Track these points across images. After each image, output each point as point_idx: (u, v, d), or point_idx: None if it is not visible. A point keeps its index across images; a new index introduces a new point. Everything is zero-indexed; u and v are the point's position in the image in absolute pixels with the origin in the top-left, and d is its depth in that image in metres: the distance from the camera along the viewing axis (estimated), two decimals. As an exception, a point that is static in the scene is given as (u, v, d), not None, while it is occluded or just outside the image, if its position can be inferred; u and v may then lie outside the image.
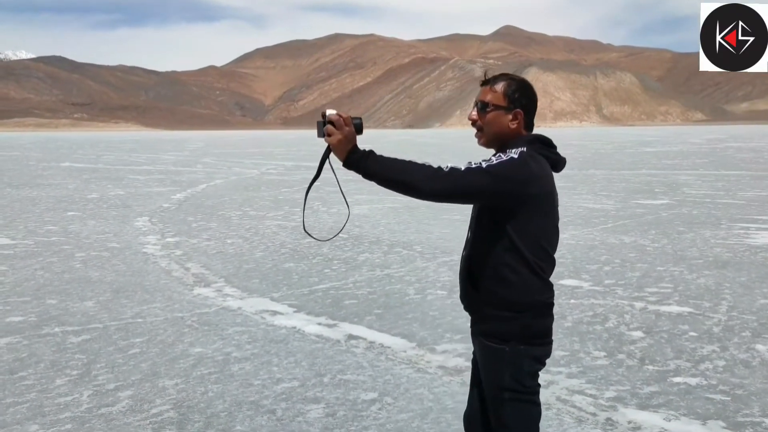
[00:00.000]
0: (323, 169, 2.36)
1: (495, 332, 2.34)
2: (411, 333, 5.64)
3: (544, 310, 2.36)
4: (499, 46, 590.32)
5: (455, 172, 2.19)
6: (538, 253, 2.32)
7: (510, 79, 2.41)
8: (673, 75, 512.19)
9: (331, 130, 2.23)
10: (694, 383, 4.45)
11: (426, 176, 2.17)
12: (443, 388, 4.44)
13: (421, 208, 13.93)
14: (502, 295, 2.32)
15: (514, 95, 2.37)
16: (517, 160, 2.25)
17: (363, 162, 2.20)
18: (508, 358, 2.32)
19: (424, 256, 8.94)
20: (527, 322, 2.32)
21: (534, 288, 2.32)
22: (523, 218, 2.28)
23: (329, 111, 2.25)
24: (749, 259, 8.35)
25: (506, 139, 2.40)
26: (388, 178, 2.19)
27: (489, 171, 2.20)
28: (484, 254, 2.36)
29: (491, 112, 2.39)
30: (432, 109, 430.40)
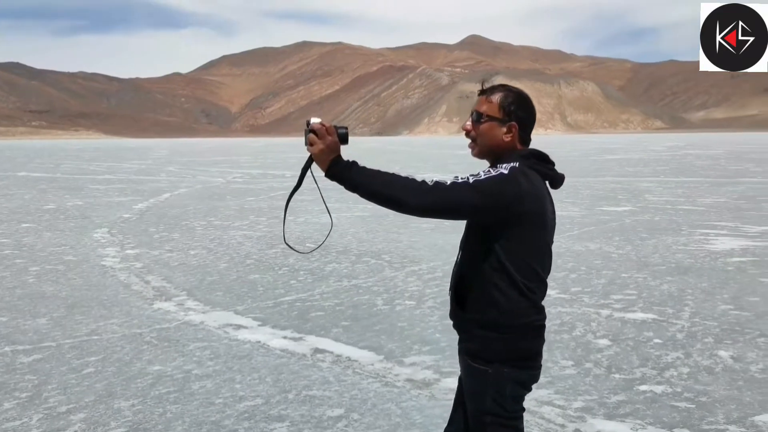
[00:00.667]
0: (305, 179, 2.30)
1: (479, 353, 2.26)
2: (379, 345, 5.56)
3: (532, 332, 2.26)
4: (466, 55, 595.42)
5: (441, 186, 2.11)
6: (527, 274, 2.22)
7: (507, 90, 2.33)
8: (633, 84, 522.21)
9: (314, 140, 2.17)
10: (660, 391, 4.46)
11: (411, 190, 2.09)
12: (411, 402, 4.37)
13: (390, 217, 13.87)
14: (488, 316, 2.24)
15: (510, 107, 2.29)
16: (506, 175, 2.15)
17: (346, 173, 2.14)
18: (491, 380, 2.23)
19: (392, 265, 8.88)
20: (512, 345, 2.23)
21: (521, 309, 2.22)
22: (512, 237, 2.19)
23: (313, 119, 2.19)
24: (709, 264, 8.47)
25: (500, 152, 2.31)
26: (372, 191, 2.12)
27: (476, 187, 2.11)
28: (471, 273, 2.28)
29: (485, 123, 2.31)
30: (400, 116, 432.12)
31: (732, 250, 9.37)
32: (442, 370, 4.93)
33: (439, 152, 58.18)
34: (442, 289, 7.40)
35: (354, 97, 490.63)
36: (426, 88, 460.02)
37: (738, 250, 9.42)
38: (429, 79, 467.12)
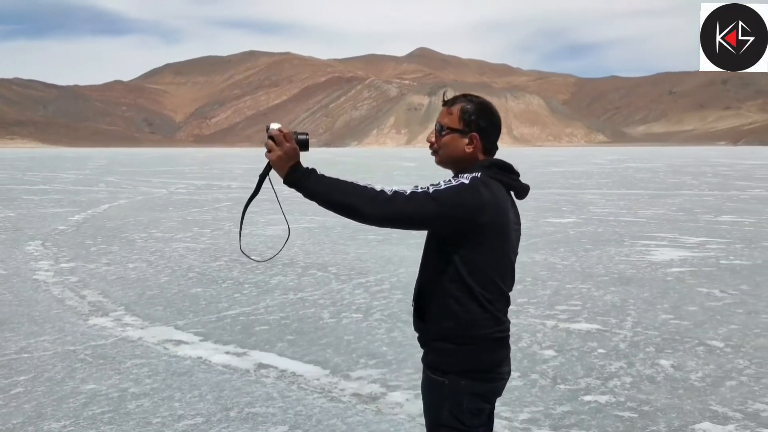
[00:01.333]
0: (263, 186, 2.24)
1: (436, 364, 2.22)
2: (325, 359, 5.46)
3: (491, 344, 2.20)
4: (414, 68, 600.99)
5: (400, 196, 2.07)
6: (486, 285, 2.18)
7: (468, 101, 2.29)
8: (577, 99, 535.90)
9: (271, 146, 2.12)
10: (604, 401, 4.48)
11: (369, 200, 2.05)
12: (357, 417, 4.28)
13: (337, 228, 13.78)
14: (445, 326, 2.20)
15: (470, 118, 2.26)
16: (467, 185, 2.12)
17: (304, 181, 2.10)
18: (447, 392, 2.19)
19: (339, 278, 8.78)
20: (469, 356, 2.18)
21: (480, 321, 2.17)
22: (471, 248, 2.15)
23: (273, 125, 2.14)
24: (650, 275, 8.65)
25: (462, 163, 2.28)
26: (330, 200, 2.08)
27: (435, 196, 2.07)
28: (430, 283, 2.25)
29: (447, 134, 2.28)
30: (349, 128, 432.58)
31: (671, 261, 9.61)
32: (388, 384, 4.86)
33: (386, 163, 58.40)
34: (389, 302, 7.35)
35: (302, 107, 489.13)
36: (375, 99, 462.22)
37: (677, 260, 9.66)
38: (378, 91, 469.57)
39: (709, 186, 26.73)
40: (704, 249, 10.71)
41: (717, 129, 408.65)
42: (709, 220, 14.83)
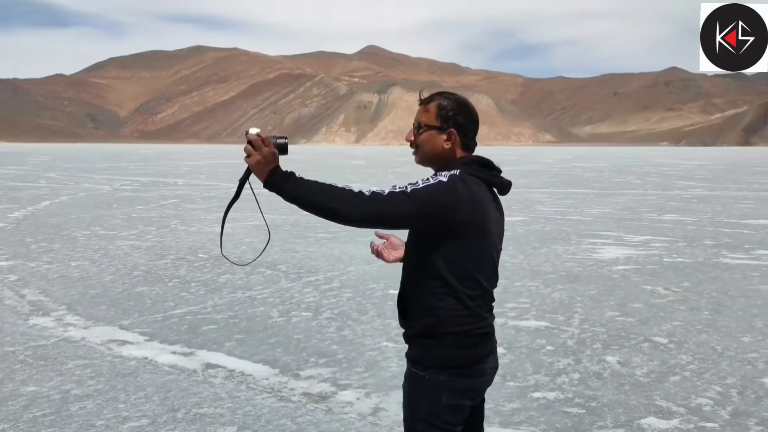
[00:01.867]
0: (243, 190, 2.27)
1: (417, 358, 2.25)
2: (274, 359, 5.39)
3: (470, 340, 2.22)
4: (364, 65, 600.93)
5: (378, 196, 2.10)
6: (467, 282, 2.20)
7: (444, 98, 2.32)
8: (525, 99, 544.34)
9: (250, 151, 2.15)
10: (552, 397, 4.54)
11: (348, 201, 2.08)
12: (307, 417, 4.23)
13: (286, 226, 13.65)
14: (426, 323, 2.22)
15: (448, 114, 2.27)
16: (445, 183, 2.13)
17: (284, 184, 2.13)
18: (427, 386, 2.22)
19: (288, 276, 8.69)
20: (449, 352, 2.20)
21: (459, 317, 2.19)
22: (450, 245, 2.17)
23: (251, 130, 2.16)
24: (597, 273, 8.83)
25: (441, 159, 2.29)
26: (309, 202, 2.11)
27: (412, 196, 2.10)
28: (412, 281, 2.27)
29: (424, 132, 2.30)
30: (298, 125, 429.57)
31: (617, 259, 9.83)
32: (339, 383, 4.83)
33: (336, 161, 58.26)
34: (339, 300, 7.31)
35: (250, 104, 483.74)
36: (324, 97, 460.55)
37: (622, 258, 9.89)
38: (327, 88, 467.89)
39: (652, 185, 27.51)
40: (648, 247, 11.00)
41: (660, 130, 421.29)
42: (652, 218, 15.24)
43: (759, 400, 4.45)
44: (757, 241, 11.64)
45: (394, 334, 6.02)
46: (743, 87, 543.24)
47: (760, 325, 6.19)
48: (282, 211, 16.47)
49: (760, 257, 9.98)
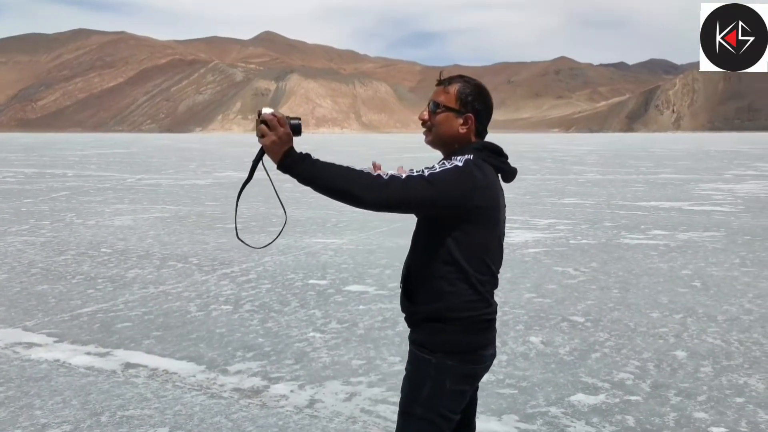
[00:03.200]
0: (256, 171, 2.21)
1: (424, 342, 2.23)
2: (198, 355, 5.20)
3: (478, 325, 2.22)
4: (260, 51, 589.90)
5: (397, 181, 2.07)
6: (479, 267, 2.20)
7: (465, 81, 2.30)
8: (423, 86, 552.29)
9: (265, 131, 2.09)
10: (485, 379, 4.59)
11: (366, 185, 2.05)
12: (242, 413, 4.11)
13: (192, 217, 13.24)
14: (435, 307, 2.20)
15: (467, 98, 2.26)
16: (461, 168, 2.13)
17: (299, 166, 2.08)
18: (433, 370, 2.20)
19: (202, 268, 8.41)
20: (457, 337, 2.19)
21: (469, 302, 2.19)
22: (465, 230, 2.16)
23: (265, 109, 2.11)
24: (510, 256, 9.08)
25: (454, 143, 2.29)
26: (326, 186, 2.07)
27: (431, 180, 2.08)
28: (421, 265, 2.24)
29: (442, 113, 2.28)
30: (192, 113, 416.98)
31: (527, 242, 10.16)
32: (270, 376, 4.72)
33: (235, 150, 57.01)
34: (258, 292, 7.15)
35: (140, 91, 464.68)
36: (219, 83, 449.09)
37: (531, 241, 10.22)
38: (222, 75, 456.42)
39: (549, 171, 28.63)
40: (554, 230, 11.43)
41: (551, 117, 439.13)
42: (554, 202, 15.85)
43: (674, 372, 4.72)
44: (651, 221, 12.35)
45: (320, 324, 5.96)
46: (625, 76, 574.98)
47: (665, 301, 6.57)
48: (185, 202, 15.97)
49: (655, 237, 10.60)
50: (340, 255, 9.14)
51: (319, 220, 12.67)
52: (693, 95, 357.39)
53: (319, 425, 3.93)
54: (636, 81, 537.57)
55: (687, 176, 24.35)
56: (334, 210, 13.93)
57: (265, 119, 2.09)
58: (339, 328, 5.83)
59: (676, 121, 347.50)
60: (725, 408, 4.12)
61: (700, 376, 4.63)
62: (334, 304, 6.61)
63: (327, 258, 8.94)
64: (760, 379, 4.59)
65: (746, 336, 5.55)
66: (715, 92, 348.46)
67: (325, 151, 53.65)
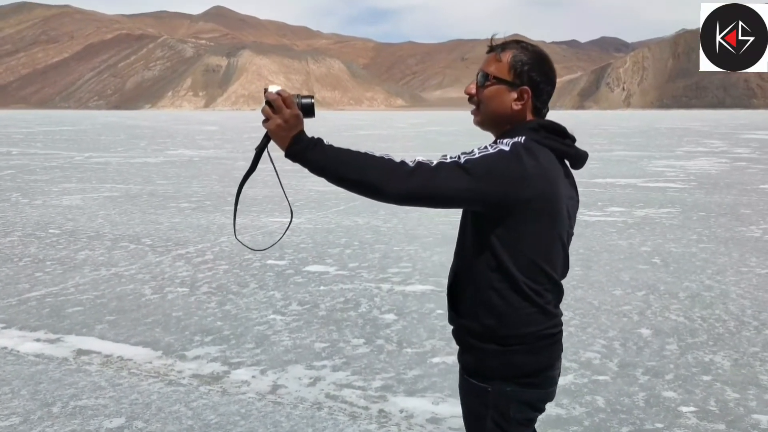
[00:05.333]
0: (261, 159, 1.91)
1: (476, 368, 1.89)
2: (154, 340, 5.00)
3: (540, 344, 1.87)
4: (211, 27, 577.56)
5: (425, 168, 1.73)
6: (531, 273, 1.83)
7: (522, 48, 1.91)
8: (376, 63, 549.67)
9: (269, 113, 1.78)
10: (451, 362, 4.55)
11: (388, 174, 1.72)
12: (202, 400, 3.95)
13: (143, 196, 12.85)
14: (485, 324, 1.86)
15: (524, 68, 1.88)
16: (507, 153, 1.75)
17: (309, 153, 1.76)
18: (492, 400, 1.87)
19: (155, 249, 8.14)
20: (516, 359, 1.85)
21: (526, 316, 1.84)
22: (513, 229, 1.79)
23: (271, 87, 1.80)
24: (471, 234, 9.03)
25: (506, 122, 1.92)
26: (341, 176, 1.76)
27: (467, 167, 1.72)
28: (466, 272, 1.90)
29: (491, 86, 1.91)
30: (141, 89, 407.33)
31: (486, 220, 10.13)
32: (230, 361, 4.56)
33: (186, 128, 55.81)
34: (215, 273, 6.95)
35: (87, 66, 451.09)
36: (169, 59, 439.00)
37: (491, 219, 10.18)
38: (172, 50, 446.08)
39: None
40: (512, 208, 11.42)
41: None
42: (509, 180, 15.85)
43: (641, 351, 4.73)
44: (607, 198, 12.47)
45: (281, 306, 5.81)
46: (577, 54, 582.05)
47: (627, 279, 6.60)
48: (136, 181, 15.52)
49: (613, 213, 10.70)
50: (298, 234, 8.96)
51: (276, 198, 12.42)
52: (643, 73, 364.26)
53: (282, 412, 3.80)
54: (588, 59, 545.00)
55: (640, 153, 24.75)
56: (291, 188, 13.70)
57: (269, 99, 1.79)
58: (300, 310, 5.69)
59: (626, 99, 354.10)
60: (693, 387, 4.13)
61: (666, 354, 4.65)
62: (294, 285, 6.46)
63: (285, 237, 8.75)
64: (725, 357, 4.63)
65: (708, 312, 5.60)
66: (664, 70, 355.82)
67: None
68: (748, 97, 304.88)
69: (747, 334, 5.09)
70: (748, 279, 6.67)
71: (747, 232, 9.17)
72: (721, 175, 16.67)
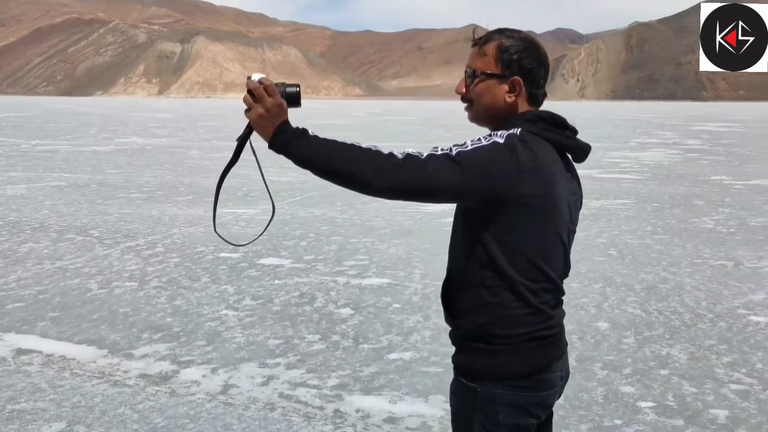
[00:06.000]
0: (243, 151, 1.82)
1: (466, 367, 1.82)
2: (99, 338, 4.78)
3: (534, 344, 1.77)
4: (164, 12, 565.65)
5: (414, 161, 1.64)
6: (528, 273, 1.74)
7: (506, 36, 1.81)
8: (333, 52, 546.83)
9: (250, 102, 1.71)
10: (409, 358, 4.46)
11: (376, 167, 1.64)
12: (149, 402, 3.77)
13: (92, 186, 12.44)
14: (477, 323, 1.77)
15: (512, 57, 1.78)
16: (501, 145, 1.67)
17: (294, 145, 1.68)
18: (480, 402, 1.79)
19: (103, 242, 7.84)
20: (506, 359, 1.76)
21: (519, 317, 1.75)
22: (507, 226, 1.70)
23: (254, 75, 1.72)
24: (428, 226, 8.97)
25: (501, 116, 1.81)
26: (327, 168, 1.67)
27: (458, 160, 1.64)
28: (460, 269, 1.81)
29: (481, 82, 1.82)
30: (92, 75, 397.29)
31: (443, 211, 10.01)
32: (179, 360, 4.38)
33: (139, 115, 54.56)
34: (166, 267, 6.72)
35: (35, 51, 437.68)
36: (120, 45, 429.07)
37: (448, 210, 10.07)
38: (124, 36, 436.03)
39: (462, 137, 28.65)
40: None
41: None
42: (467, 171, 15.86)
43: (598, 345, 4.70)
44: (563, 190, 12.55)
45: (233, 301, 5.63)
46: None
47: (584, 270, 6.60)
48: (84, 170, 15.05)
49: (569, 205, 10.76)
50: (252, 226, 8.75)
51: (229, 188, 12.15)
52: (597, 65, 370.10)
53: (234, 413, 3.65)
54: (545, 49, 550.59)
55: (595, 144, 24.72)
56: (245, 178, 13.42)
57: (250, 88, 1.71)
58: (253, 305, 5.52)
59: (580, 90, 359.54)
60: (651, 381, 4.12)
61: (623, 348, 4.63)
62: (247, 279, 6.28)
63: (239, 229, 8.54)
64: (681, 350, 4.63)
65: (664, 305, 5.63)
66: (617, 62, 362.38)
67: (234, 117, 52.22)
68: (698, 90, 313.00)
69: (702, 326, 5.12)
70: (702, 271, 6.74)
71: (700, 223, 9.31)
72: (674, 167, 16.98)
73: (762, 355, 4.58)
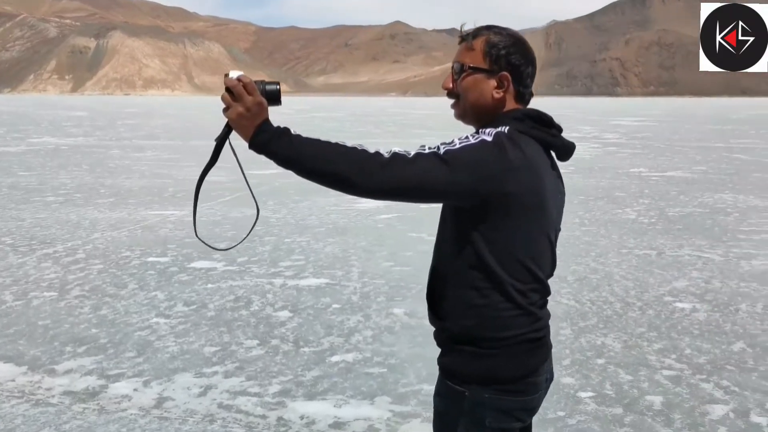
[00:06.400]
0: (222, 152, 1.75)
1: (454, 370, 1.77)
2: (17, 353, 4.46)
3: (523, 347, 1.73)
4: (76, 6, 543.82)
5: (400, 159, 1.59)
6: (516, 273, 1.70)
7: (495, 32, 1.78)
8: (258, 48, 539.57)
9: (228, 101, 1.64)
10: (351, 359, 4.36)
11: (361, 166, 1.58)
12: (76, 421, 3.53)
13: (3, 190, 11.74)
14: (465, 325, 1.73)
15: (500, 53, 1.74)
16: (489, 143, 1.63)
17: (274, 144, 1.62)
18: (467, 406, 1.73)
19: (17, 249, 7.38)
20: (496, 363, 1.72)
21: (508, 319, 1.71)
22: (495, 224, 1.66)
23: (231, 73, 1.66)
24: (363, 223, 8.88)
25: (488, 112, 1.77)
26: (310, 168, 1.61)
27: (446, 158, 1.59)
28: (446, 269, 1.76)
29: (468, 76, 1.77)
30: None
31: (378, 208, 9.96)
32: (108, 374, 4.13)
33: (52, 114, 52.23)
34: (88, 274, 6.37)
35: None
36: (29, 40, 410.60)
37: (382, 207, 9.99)
38: (33, 30, 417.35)
39: (391, 134, 28.93)
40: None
41: (388, 81, 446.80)
42: (397, 167, 15.86)
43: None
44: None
45: (164, 307, 5.38)
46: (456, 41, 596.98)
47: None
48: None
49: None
50: (181, 228, 8.44)
51: (155, 189, 11.73)
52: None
53: (170, 428, 3.46)
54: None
55: (518, 139, 25.59)
56: (171, 178, 13.02)
57: (228, 86, 1.63)
58: (186, 311, 5.29)
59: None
60: (589, 371, 4.16)
61: (561, 339, 4.67)
62: (178, 284, 6.02)
63: (167, 232, 8.21)
64: (615, 339, 4.72)
65: (596, 295, 5.73)
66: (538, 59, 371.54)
67: (156, 115, 50.68)
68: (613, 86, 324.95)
69: (633, 315, 5.24)
70: (628, 260, 6.92)
71: (623, 214, 9.59)
72: (595, 160, 17.49)
73: (689, 340, 4.71)
